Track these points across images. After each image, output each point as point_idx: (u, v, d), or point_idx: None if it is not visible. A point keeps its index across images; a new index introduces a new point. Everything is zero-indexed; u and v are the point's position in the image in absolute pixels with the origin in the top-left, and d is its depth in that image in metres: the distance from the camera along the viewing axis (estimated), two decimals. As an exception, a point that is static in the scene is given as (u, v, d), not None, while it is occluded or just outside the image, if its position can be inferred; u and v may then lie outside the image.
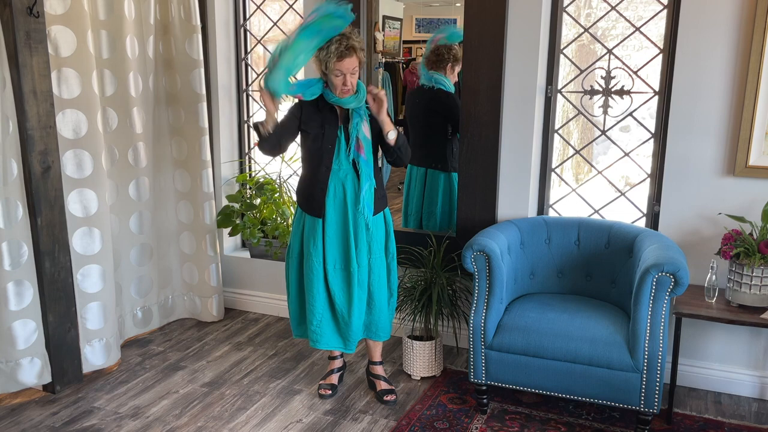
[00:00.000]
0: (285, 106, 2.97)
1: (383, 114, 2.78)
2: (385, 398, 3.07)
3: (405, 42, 4.05)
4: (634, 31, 3.16)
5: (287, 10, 3.98)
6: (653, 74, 3.18)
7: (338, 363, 3.24)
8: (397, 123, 3.91)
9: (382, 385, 3.13)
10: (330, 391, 3.13)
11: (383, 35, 3.84)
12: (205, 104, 3.79)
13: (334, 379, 3.20)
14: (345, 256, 2.90)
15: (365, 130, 2.82)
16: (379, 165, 2.93)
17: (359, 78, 2.82)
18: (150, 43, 3.62)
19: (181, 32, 3.69)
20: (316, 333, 2.95)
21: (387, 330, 3.05)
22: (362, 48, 2.77)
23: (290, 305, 3.09)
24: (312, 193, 2.88)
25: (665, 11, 3.07)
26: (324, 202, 2.86)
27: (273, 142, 2.80)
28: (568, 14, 3.28)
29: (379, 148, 2.94)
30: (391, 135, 2.81)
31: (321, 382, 3.19)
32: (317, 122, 2.82)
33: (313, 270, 2.90)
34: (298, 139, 2.92)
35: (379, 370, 3.18)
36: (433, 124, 3.75)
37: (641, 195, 3.32)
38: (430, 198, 3.79)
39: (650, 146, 3.22)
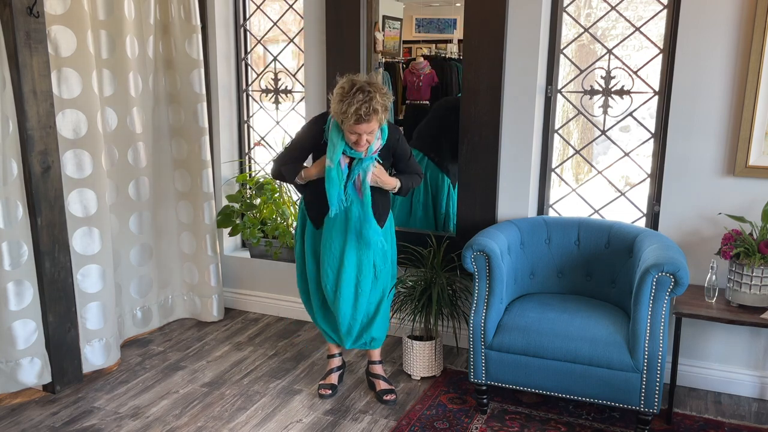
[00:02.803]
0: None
1: (378, 183, 2.80)
2: (384, 398, 3.07)
3: (405, 42, 4.04)
4: (634, 31, 3.16)
5: (287, 10, 3.98)
6: (653, 74, 3.19)
7: (337, 362, 3.24)
8: (399, 122, 3.90)
9: (382, 385, 3.13)
10: (330, 391, 3.12)
11: (383, 35, 3.84)
12: (205, 104, 3.79)
13: (334, 378, 3.20)
14: (344, 278, 2.90)
15: (369, 177, 2.77)
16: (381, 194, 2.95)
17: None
18: (150, 43, 3.62)
19: (181, 32, 3.69)
20: (314, 316, 3.13)
21: (383, 336, 3.10)
22: (386, 107, 2.62)
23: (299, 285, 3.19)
24: (314, 204, 2.89)
25: (665, 11, 3.07)
26: (324, 216, 2.87)
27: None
28: (568, 14, 3.28)
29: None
30: (394, 192, 2.89)
31: (321, 382, 3.19)
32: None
33: (311, 277, 3.00)
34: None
35: (378, 369, 3.18)
36: (441, 125, 3.74)
37: (641, 195, 3.32)
38: (434, 198, 3.79)
39: (650, 146, 3.22)
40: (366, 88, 2.55)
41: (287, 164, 2.88)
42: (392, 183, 2.86)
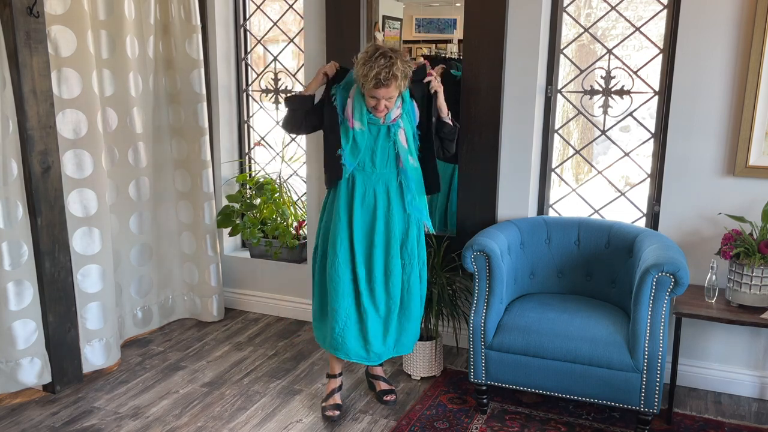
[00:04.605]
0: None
1: (441, 95, 2.78)
2: (384, 398, 3.06)
3: (405, 42, 4.04)
4: (634, 31, 3.16)
5: (287, 10, 3.98)
6: (653, 74, 3.19)
7: (339, 382, 3.07)
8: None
9: (382, 386, 3.12)
10: (338, 412, 2.94)
11: (383, 35, 3.84)
12: (205, 104, 3.80)
13: (338, 398, 3.02)
14: (369, 266, 2.82)
15: (402, 138, 2.75)
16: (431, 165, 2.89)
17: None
18: (150, 43, 3.62)
19: (181, 32, 3.69)
20: (338, 341, 2.83)
21: (414, 342, 3.00)
22: (407, 75, 2.64)
23: (313, 304, 3.03)
24: (331, 163, 2.81)
25: (665, 11, 3.07)
26: (341, 167, 2.76)
27: (300, 116, 2.83)
28: (568, 14, 3.29)
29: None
30: (447, 120, 2.83)
31: (324, 404, 2.99)
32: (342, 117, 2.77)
33: (339, 274, 2.79)
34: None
35: (378, 370, 3.17)
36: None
37: (641, 195, 3.32)
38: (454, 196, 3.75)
39: (650, 146, 3.22)
40: (389, 53, 2.60)
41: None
42: (446, 107, 2.83)
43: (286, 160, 4.12)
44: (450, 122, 2.85)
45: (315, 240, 2.98)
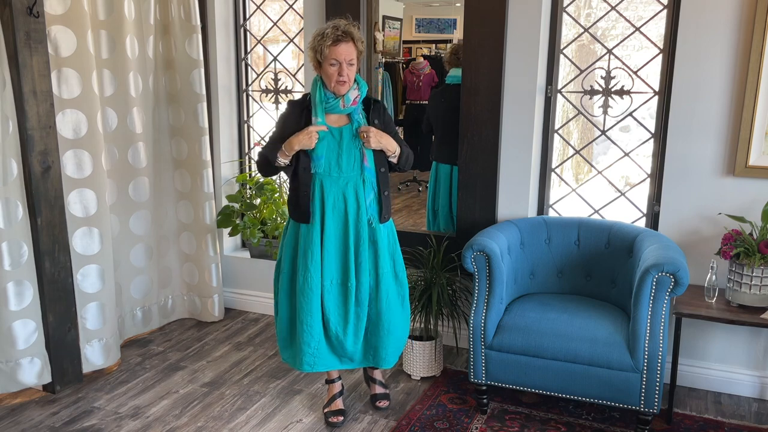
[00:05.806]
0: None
1: (381, 144, 2.67)
2: (377, 404, 3.01)
3: (405, 42, 4.05)
4: (634, 31, 3.16)
5: (287, 10, 3.98)
6: (653, 74, 3.19)
7: (339, 386, 3.02)
8: (399, 122, 3.89)
9: (377, 389, 3.07)
10: (342, 417, 2.91)
11: (383, 35, 3.84)
12: (205, 104, 3.79)
13: (341, 403, 2.98)
14: (344, 272, 2.73)
15: (372, 139, 2.66)
16: (381, 170, 2.76)
17: (358, 72, 2.69)
18: (150, 43, 3.62)
19: (181, 32, 3.69)
20: (314, 356, 2.76)
21: (397, 354, 2.85)
22: (362, 40, 2.65)
23: (279, 325, 2.90)
24: (297, 197, 2.71)
25: (665, 11, 3.08)
26: (309, 205, 2.69)
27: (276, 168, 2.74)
28: (568, 14, 3.29)
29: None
30: (392, 159, 2.74)
31: (327, 410, 2.94)
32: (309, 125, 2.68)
33: (311, 287, 2.69)
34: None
35: (376, 373, 3.12)
36: (458, 122, 3.71)
37: (641, 195, 3.32)
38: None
39: (650, 146, 3.22)
40: (339, 19, 2.65)
41: (268, 147, 2.74)
42: (394, 146, 2.72)
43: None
44: (396, 160, 2.75)
45: (279, 256, 2.84)
